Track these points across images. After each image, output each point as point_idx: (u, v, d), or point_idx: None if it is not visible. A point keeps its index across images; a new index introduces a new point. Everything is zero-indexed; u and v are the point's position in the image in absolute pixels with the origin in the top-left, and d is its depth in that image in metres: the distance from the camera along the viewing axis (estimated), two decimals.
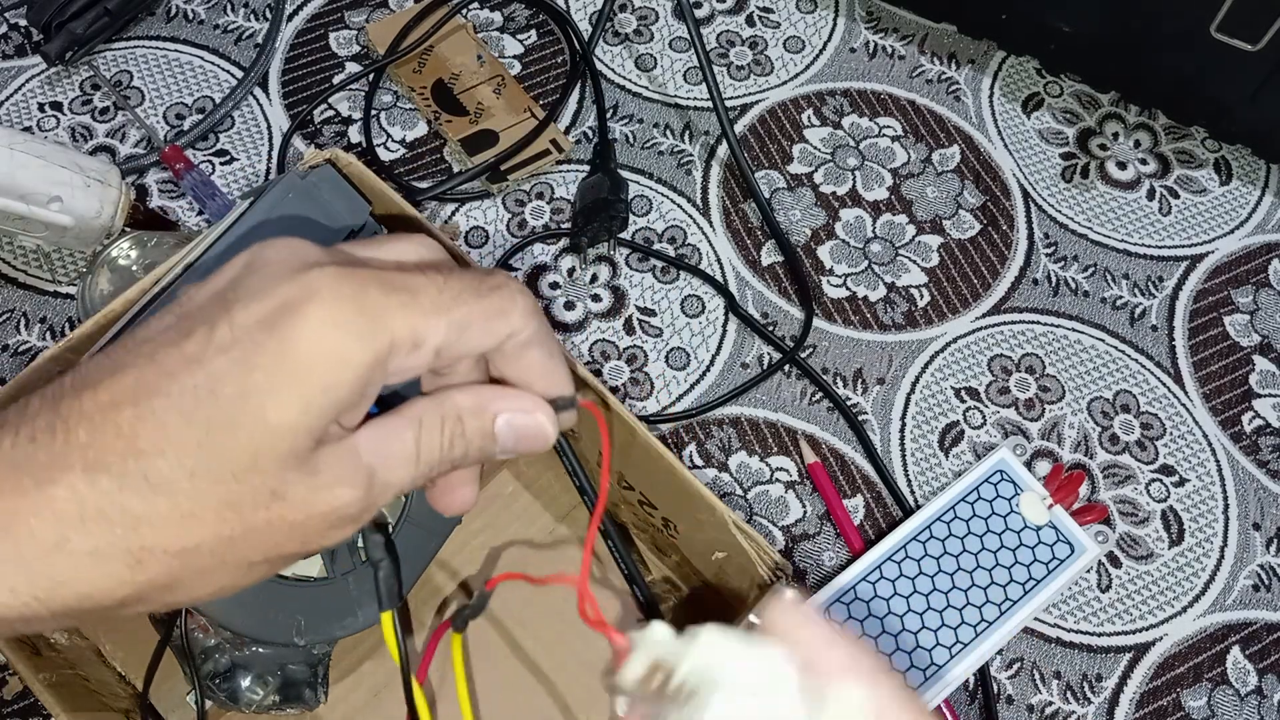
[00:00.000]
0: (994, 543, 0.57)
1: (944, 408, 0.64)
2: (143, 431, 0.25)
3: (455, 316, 0.28)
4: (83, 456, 0.25)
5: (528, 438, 0.31)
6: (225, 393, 0.25)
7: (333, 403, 0.26)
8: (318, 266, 0.26)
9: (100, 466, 0.25)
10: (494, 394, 0.30)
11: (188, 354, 0.25)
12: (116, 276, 0.60)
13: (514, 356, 0.30)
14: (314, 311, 0.25)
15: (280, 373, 0.25)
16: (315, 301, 0.26)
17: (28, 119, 0.70)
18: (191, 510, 0.25)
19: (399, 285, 0.27)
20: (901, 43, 0.77)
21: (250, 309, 0.26)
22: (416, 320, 0.27)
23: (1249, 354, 0.67)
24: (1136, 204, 0.72)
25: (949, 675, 0.54)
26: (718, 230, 0.69)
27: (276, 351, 0.25)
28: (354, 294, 0.26)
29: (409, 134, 0.71)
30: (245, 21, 0.75)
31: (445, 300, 0.28)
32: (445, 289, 0.28)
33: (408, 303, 0.27)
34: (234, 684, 0.47)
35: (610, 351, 0.65)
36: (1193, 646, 0.59)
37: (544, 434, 0.31)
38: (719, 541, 0.47)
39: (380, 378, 0.27)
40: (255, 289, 0.26)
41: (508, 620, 0.55)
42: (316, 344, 0.25)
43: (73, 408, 0.25)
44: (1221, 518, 0.62)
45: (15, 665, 0.45)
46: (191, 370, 0.25)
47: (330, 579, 0.45)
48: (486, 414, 0.30)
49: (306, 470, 0.26)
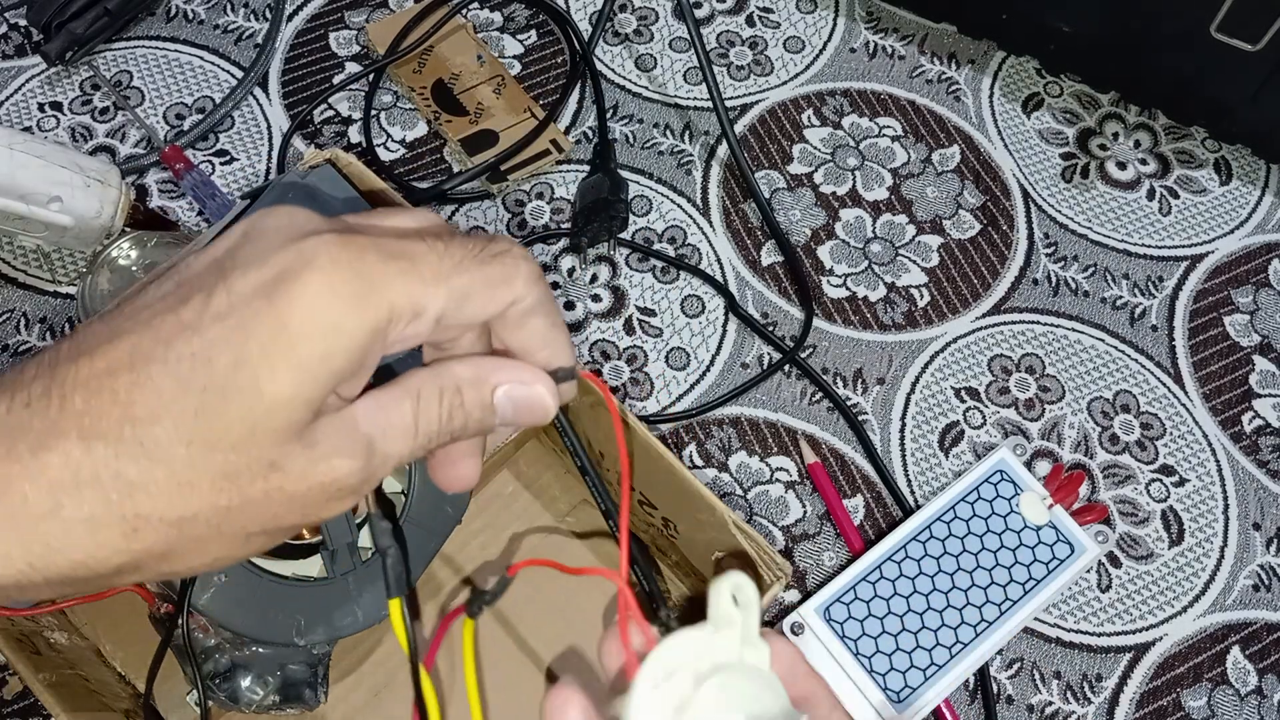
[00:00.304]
0: (994, 543, 0.57)
1: (944, 408, 0.64)
2: (139, 398, 0.24)
3: (456, 284, 0.27)
4: (78, 423, 0.24)
5: (527, 409, 0.30)
6: (221, 361, 0.25)
7: (330, 373, 0.26)
8: (315, 234, 0.26)
9: (96, 433, 0.24)
10: (493, 365, 0.30)
11: (184, 321, 0.25)
12: (116, 276, 0.60)
13: (516, 324, 0.29)
14: (311, 279, 0.25)
15: (277, 342, 0.25)
16: (312, 269, 0.25)
17: (28, 119, 0.70)
18: (189, 479, 0.25)
19: (398, 252, 0.27)
20: (901, 43, 0.77)
21: (248, 276, 0.25)
22: (416, 289, 0.26)
23: (1249, 354, 0.67)
24: (1136, 204, 0.72)
25: (949, 675, 0.54)
26: (718, 230, 0.69)
27: (273, 320, 0.25)
28: (352, 261, 0.26)
29: (409, 134, 0.71)
30: (245, 21, 0.75)
31: (446, 268, 0.27)
32: (446, 256, 0.27)
33: (407, 270, 0.26)
34: (234, 684, 0.47)
35: (610, 351, 0.65)
36: (1193, 646, 0.59)
37: (544, 405, 0.31)
38: (719, 541, 0.47)
39: (380, 348, 0.27)
40: (253, 257, 0.26)
41: (509, 614, 0.55)
42: (314, 313, 0.25)
43: (69, 374, 0.25)
44: (1221, 518, 0.62)
45: (15, 665, 0.45)
46: (187, 337, 0.25)
47: (330, 579, 0.45)
48: (485, 385, 0.29)
49: (304, 442, 0.26)
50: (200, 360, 0.25)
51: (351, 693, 0.54)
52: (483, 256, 0.28)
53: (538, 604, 0.55)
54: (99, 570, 0.25)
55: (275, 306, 0.25)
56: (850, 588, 0.55)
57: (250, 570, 0.44)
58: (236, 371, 0.25)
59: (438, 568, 0.56)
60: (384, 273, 0.26)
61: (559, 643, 0.55)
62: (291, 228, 0.26)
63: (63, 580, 0.26)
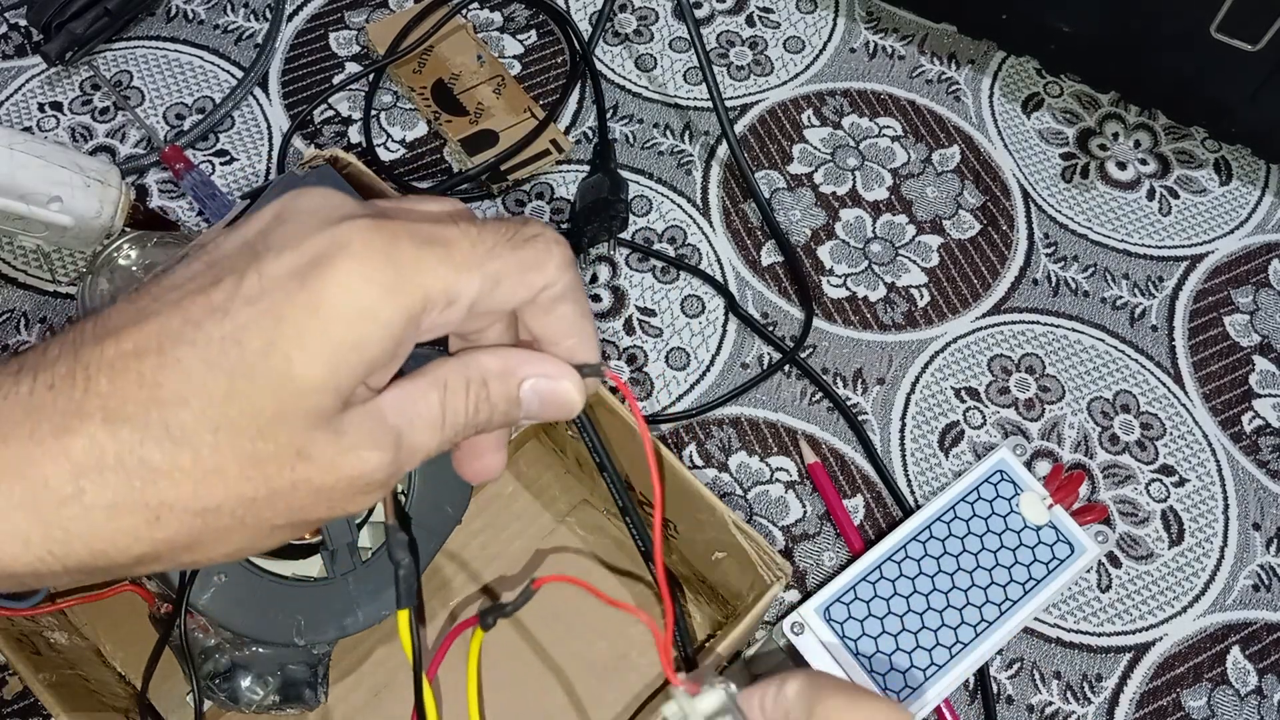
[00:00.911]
0: (994, 543, 0.57)
1: (944, 408, 0.64)
2: (166, 381, 0.24)
3: (490, 269, 0.27)
4: (103, 405, 0.24)
5: (553, 404, 0.30)
6: (252, 344, 0.24)
7: (363, 360, 0.25)
8: (350, 219, 0.26)
9: (121, 417, 0.24)
10: (521, 358, 0.30)
11: (214, 303, 0.25)
12: (116, 276, 0.60)
13: (545, 310, 0.29)
14: (345, 264, 0.25)
15: (309, 327, 0.24)
16: (346, 254, 0.25)
17: (28, 119, 0.70)
18: (215, 466, 0.24)
19: (433, 238, 0.26)
20: (901, 43, 0.77)
21: (281, 259, 0.25)
22: (451, 275, 0.26)
23: (1249, 354, 0.67)
24: (1136, 204, 0.72)
25: (949, 675, 0.54)
26: (718, 230, 0.69)
27: (306, 304, 0.24)
28: (386, 247, 0.25)
29: (409, 134, 0.71)
30: (245, 21, 0.75)
31: (480, 253, 0.27)
32: (479, 241, 0.27)
33: (442, 257, 0.26)
34: (234, 684, 0.47)
35: (610, 351, 0.65)
36: (1193, 646, 0.59)
37: (570, 400, 0.30)
38: (719, 541, 0.47)
39: (413, 336, 0.26)
40: (286, 239, 0.25)
41: (510, 620, 0.55)
42: (347, 299, 0.25)
43: (94, 355, 0.24)
44: (1221, 518, 0.62)
45: (15, 665, 0.45)
46: (218, 319, 0.24)
47: (330, 579, 0.45)
48: (512, 378, 0.29)
49: (333, 430, 0.25)
50: (230, 343, 0.24)
51: (351, 693, 0.54)
52: (515, 240, 0.28)
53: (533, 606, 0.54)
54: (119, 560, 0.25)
55: (309, 290, 0.24)
56: (850, 588, 0.55)
57: (250, 570, 0.44)
58: (267, 355, 0.24)
59: (437, 569, 0.56)
60: (418, 259, 0.26)
61: (557, 645, 0.55)
62: (326, 210, 0.26)
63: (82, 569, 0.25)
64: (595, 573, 0.56)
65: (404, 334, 0.26)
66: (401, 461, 0.27)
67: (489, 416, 0.29)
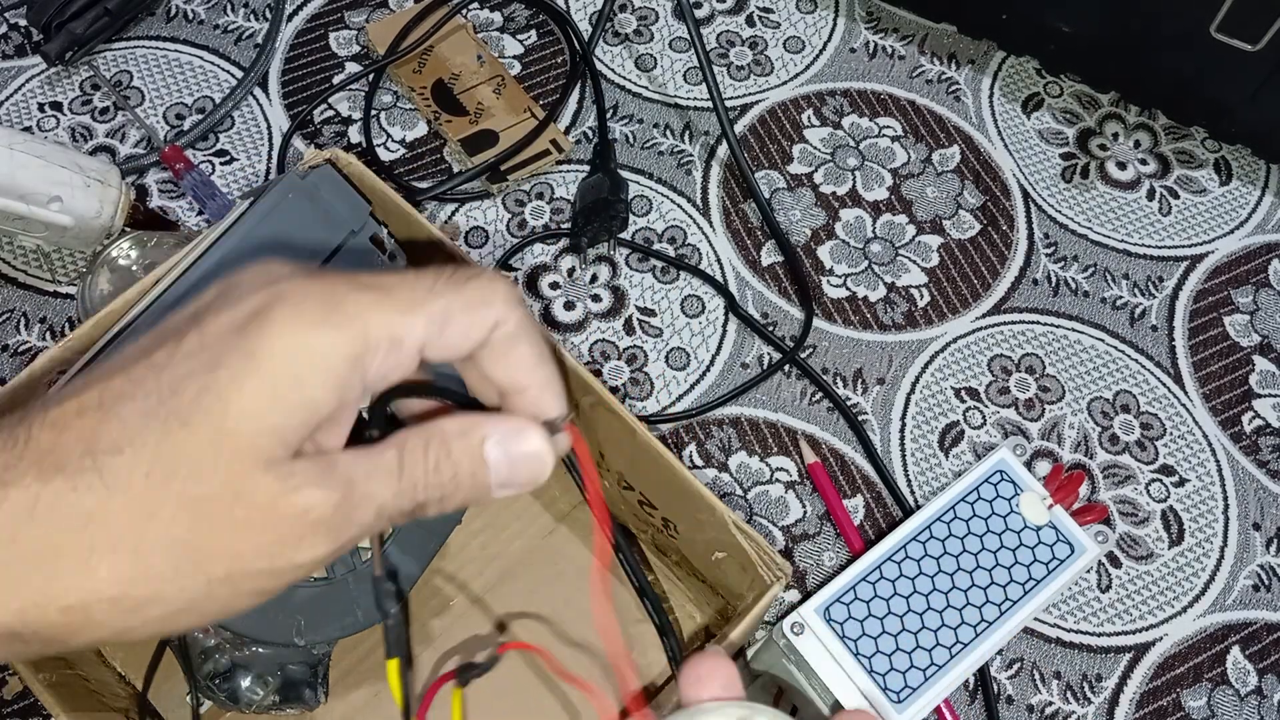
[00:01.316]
0: (994, 543, 0.57)
1: (944, 408, 0.64)
2: (104, 433, 0.25)
3: (434, 309, 0.27)
4: (39, 460, 0.25)
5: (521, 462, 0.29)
6: (188, 392, 0.25)
7: (304, 400, 0.25)
8: (288, 277, 0.26)
9: (56, 468, 0.24)
10: (482, 417, 0.29)
11: (156, 362, 0.25)
12: (116, 276, 0.60)
13: (502, 353, 0.29)
14: (282, 311, 0.25)
15: (245, 369, 0.25)
16: (283, 302, 0.25)
17: (28, 119, 0.70)
18: (147, 509, 0.24)
19: (370, 283, 0.26)
20: (901, 43, 0.77)
21: (220, 318, 0.26)
22: (391, 316, 0.26)
23: (1249, 354, 0.67)
24: (1136, 204, 0.72)
25: (949, 675, 0.54)
26: (718, 230, 0.69)
27: (243, 350, 0.25)
28: (322, 291, 0.26)
29: (409, 134, 0.71)
30: (245, 21, 0.75)
31: (420, 294, 0.27)
32: (418, 284, 0.27)
33: (381, 299, 0.26)
34: (234, 684, 0.47)
35: (610, 351, 0.65)
36: (1193, 646, 0.59)
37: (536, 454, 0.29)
38: (719, 541, 0.47)
39: (359, 380, 0.26)
40: (226, 303, 0.26)
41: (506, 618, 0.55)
42: (284, 339, 0.25)
43: (40, 418, 0.25)
44: (1221, 518, 0.62)
45: (15, 665, 0.45)
46: (156, 374, 0.25)
47: (330, 579, 0.45)
48: (473, 435, 0.29)
49: (276, 474, 0.25)
50: (168, 393, 0.25)
51: (351, 693, 0.53)
52: (457, 279, 0.28)
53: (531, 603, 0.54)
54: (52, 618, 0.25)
55: (246, 338, 0.25)
56: (850, 588, 0.55)
57: None
58: (201, 397, 0.25)
59: (436, 569, 0.56)
60: (356, 300, 0.26)
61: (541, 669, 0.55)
62: (266, 275, 0.27)
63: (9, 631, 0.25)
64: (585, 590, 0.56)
65: (348, 376, 0.26)
66: (352, 507, 0.27)
67: (453, 475, 0.29)
